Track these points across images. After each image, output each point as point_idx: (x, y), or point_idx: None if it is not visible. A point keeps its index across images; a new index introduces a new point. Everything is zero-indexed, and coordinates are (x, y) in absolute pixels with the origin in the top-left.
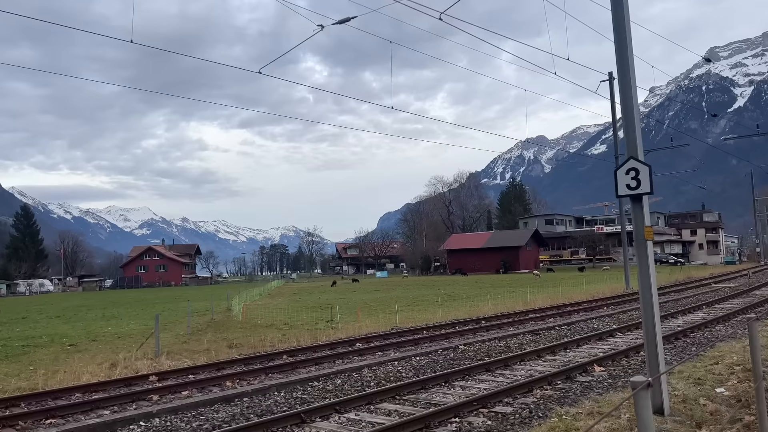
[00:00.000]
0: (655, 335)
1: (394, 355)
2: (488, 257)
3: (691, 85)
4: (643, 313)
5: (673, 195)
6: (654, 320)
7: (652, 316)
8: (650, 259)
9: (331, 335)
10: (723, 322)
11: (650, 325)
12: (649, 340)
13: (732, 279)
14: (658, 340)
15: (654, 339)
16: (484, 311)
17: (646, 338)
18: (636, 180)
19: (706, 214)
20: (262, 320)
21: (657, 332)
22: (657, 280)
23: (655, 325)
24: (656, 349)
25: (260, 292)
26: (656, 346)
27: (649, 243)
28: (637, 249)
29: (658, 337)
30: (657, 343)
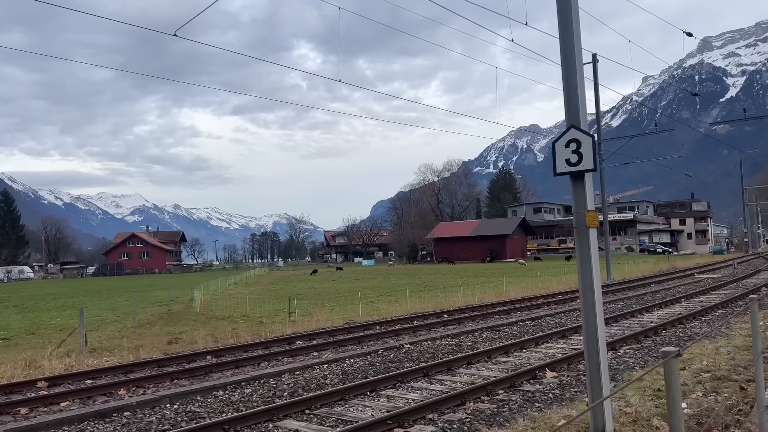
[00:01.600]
0: (598, 348)
1: (327, 356)
2: (475, 246)
3: (684, 74)
4: (583, 319)
5: (665, 185)
6: (596, 329)
7: (594, 325)
8: (593, 251)
9: (283, 330)
10: (699, 317)
11: (592, 335)
12: (590, 353)
13: (717, 269)
14: (601, 355)
15: (596, 352)
16: (453, 303)
17: (587, 351)
18: (577, 154)
19: (695, 204)
20: (220, 312)
21: (600, 345)
22: (641, 269)
23: (597, 336)
24: (598, 366)
25: (236, 281)
26: (598, 362)
27: (593, 232)
28: (578, 239)
29: (602, 351)
30: (600, 358)
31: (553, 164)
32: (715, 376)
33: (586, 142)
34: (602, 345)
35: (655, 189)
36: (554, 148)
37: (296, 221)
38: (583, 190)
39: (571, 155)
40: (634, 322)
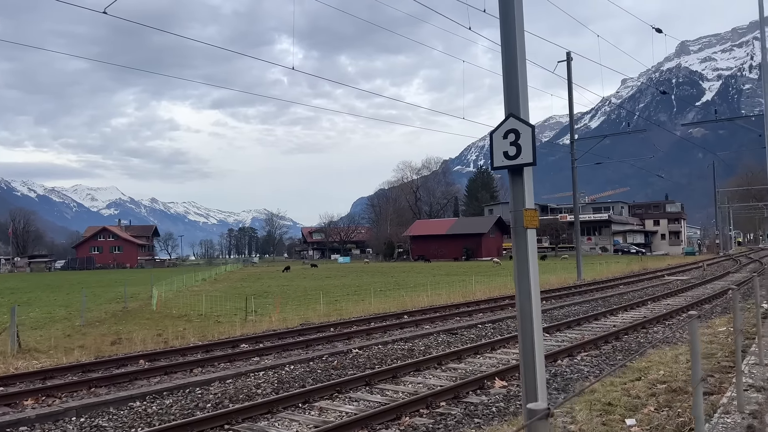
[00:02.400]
0: (534, 362)
1: (267, 362)
2: (451, 244)
3: (661, 78)
4: (519, 330)
5: (641, 186)
6: (534, 341)
7: (531, 336)
8: (531, 254)
9: (234, 331)
10: (663, 321)
11: (528, 348)
12: (527, 367)
13: (687, 271)
14: (538, 369)
15: (532, 366)
16: (417, 303)
17: (523, 365)
18: (515, 146)
19: (669, 205)
20: (178, 310)
21: (537, 359)
22: (613, 270)
23: (534, 349)
24: (535, 382)
25: (205, 277)
26: (535, 378)
27: (531, 233)
28: (515, 240)
29: (539, 365)
30: (536, 374)
31: (490, 157)
32: (670, 387)
33: (525, 133)
34: (539, 359)
35: (632, 190)
36: (491, 139)
37: (273, 216)
38: (521, 186)
39: (509, 147)
40: (596, 325)
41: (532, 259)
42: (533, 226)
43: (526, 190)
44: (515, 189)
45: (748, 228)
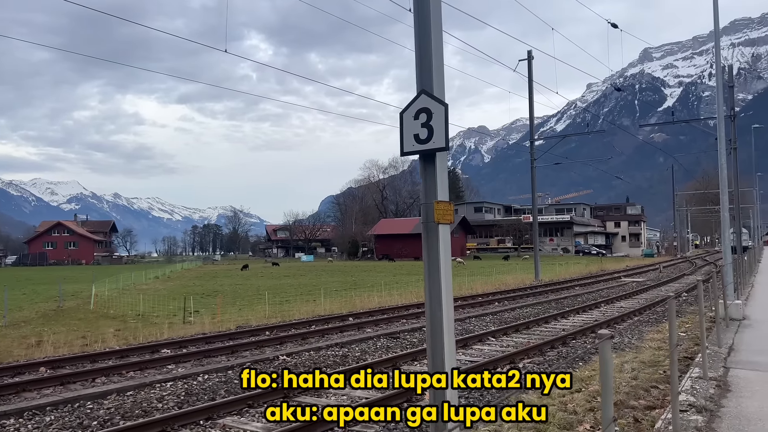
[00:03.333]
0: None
1: (181, 370)
2: (416, 243)
3: (625, 83)
4: (428, 341)
5: (604, 189)
6: (444, 356)
7: (441, 349)
8: (443, 253)
9: (161, 334)
10: (615, 324)
11: (439, 362)
12: (436, 391)
13: (644, 272)
14: (448, 393)
15: (441, 391)
16: (367, 305)
17: (432, 389)
18: (427, 128)
19: (630, 207)
20: (116, 310)
21: (448, 381)
22: (572, 271)
23: (444, 364)
24: (442, 407)
25: (158, 275)
26: (443, 402)
27: (444, 228)
28: (425, 237)
29: (449, 385)
30: (446, 396)
31: (400, 141)
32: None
33: (438, 113)
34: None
35: (596, 193)
36: (401, 120)
37: (237, 213)
38: (433, 174)
39: (421, 129)
40: (545, 329)
41: (445, 259)
42: (446, 221)
43: (439, 179)
44: (427, 178)
45: (705, 231)
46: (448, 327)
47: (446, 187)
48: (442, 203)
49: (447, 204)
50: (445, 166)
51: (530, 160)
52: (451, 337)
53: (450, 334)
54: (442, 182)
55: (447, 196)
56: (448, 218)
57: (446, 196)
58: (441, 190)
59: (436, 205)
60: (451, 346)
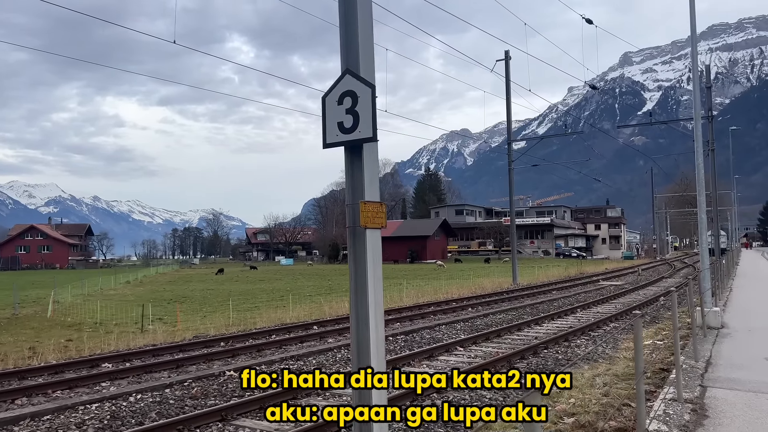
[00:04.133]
0: (371, 415)
1: (111, 390)
2: (397, 246)
3: (606, 87)
4: (354, 366)
5: (585, 192)
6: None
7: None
8: (372, 263)
9: (109, 346)
10: (590, 331)
11: (365, 394)
12: (362, 421)
13: (622, 275)
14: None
15: (368, 420)
16: (337, 311)
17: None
18: (352, 114)
19: (610, 210)
20: (74, 317)
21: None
22: (551, 274)
23: (372, 398)
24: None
25: (130, 279)
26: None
27: (373, 234)
28: (351, 244)
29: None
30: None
31: (323, 131)
32: (578, 422)
33: (364, 97)
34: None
35: (577, 195)
36: (324, 106)
37: (217, 216)
38: (360, 170)
39: (345, 117)
40: (518, 337)
41: (374, 271)
42: (376, 225)
43: (367, 175)
44: (353, 174)
45: (684, 233)
46: (377, 351)
47: (376, 184)
48: (371, 204)
49: (377, 205)
50: (374, 159)
51: (509, 162)
52: (381, 361)
53: (380, 359)
54: (370, 179)
55: (377, 195)
56: (379, 222)
57: (376, 195)
58: (370, 189)
59: (363, 207)
60: (381, 370)
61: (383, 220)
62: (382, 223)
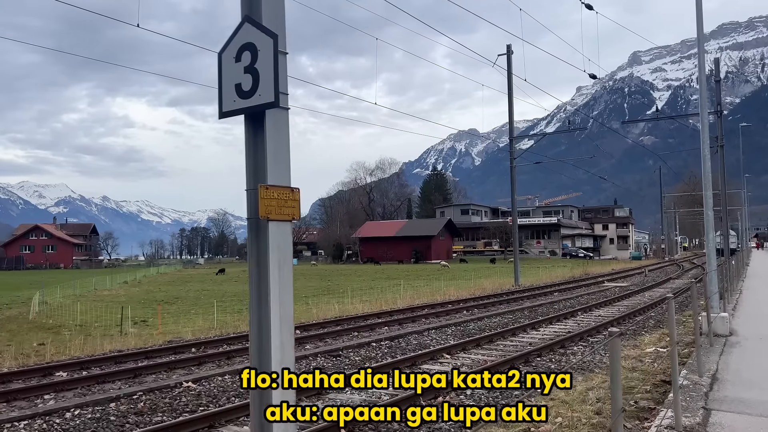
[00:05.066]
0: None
1: (50, 404)
2: (401, 246)
3: (615, 86)
4: (252, 397)
5: (594, 192)
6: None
7: (269, 405)
8: (276, 265)
9: (73, 351)
10: (588, 337)
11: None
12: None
13: (628, 276)
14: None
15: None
16: (325, 314)
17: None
18: (252, 74)
19: (618, 209)
20: (57, 320)
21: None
22: (555, 275)
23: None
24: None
25: (128, 279)
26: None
27: (279, 228)
28: (252, 240)
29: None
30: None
31: (219, 98)
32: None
33: (265, 50)
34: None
35: (585, 195)
36: (220, 64)
37: (223, 216)
38: (262, 144)
39: (244, 77)
40: (511, 343)
41: (281, 275)
42: (285, 216)
43: (271, 151)
44: (254, 150)
45: (693, 233)
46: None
47: (286, 164)
48: (277, 190)
49: (285, 191)
50: (281, 131)
51: (510, 160)
52: (290, 395)
53: (287, 394)
54: (276, 156)
55: (287, 177)
56: (288, 212)
57: (286, 177)
58: (275, 169)
59: (264, 193)
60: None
61: (295, 211)
62: (293, 214)
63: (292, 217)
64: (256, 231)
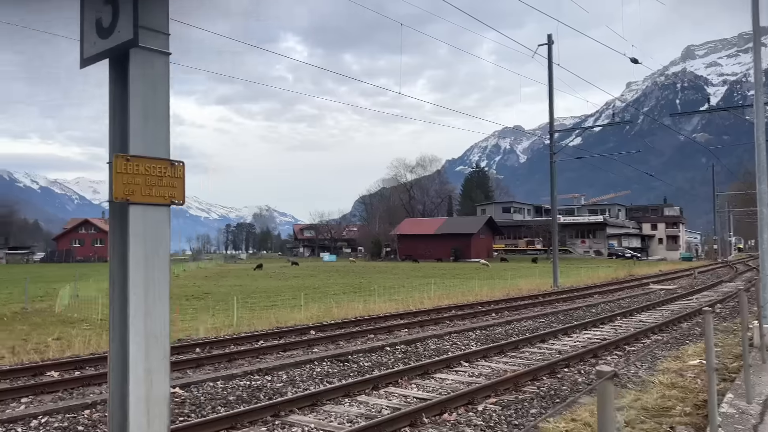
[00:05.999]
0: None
1: (19, 410)
2: (440, 244)
3: (666, 82)
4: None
5: (644, 190)
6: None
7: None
8: (141, 265)
9: (74, 348)
10: (624, 346)
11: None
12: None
13: (676, 278)
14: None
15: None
16: (348, 313)
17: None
18: (112, 5)
19: (668, 209)
20: (81, 314)
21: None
22: (597, 276)
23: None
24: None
25: None
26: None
27: (147, 215)
28: (112, 231)
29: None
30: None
31: (80, 39)
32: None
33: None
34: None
35: (634, 194)
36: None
37: (265, 212)
38: (124, 98)
39: (104, 9)
40: (537, 351)
41: (150, 277)
42: (155, 200)
43: (135, 108)
44: (115, 106)
45: (749, 234)
46: (160, 415)
47: (162, 127)
48: (145, 162)
49: (158, 164)
50: (159, 83)
51: (550, 155)
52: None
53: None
54: (145, 116)
55: (164, 147)
56: (163, 194)
57: (161, 146)
58: (141, 133)
59: (121, 165)
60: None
61: (176, 192)
62: (173, 195)
63: (172, 201)
64: (119, 218)
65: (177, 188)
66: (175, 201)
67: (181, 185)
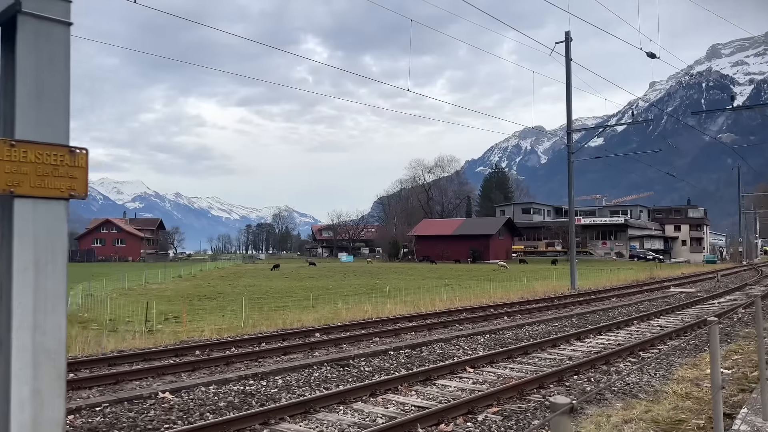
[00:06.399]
0: None
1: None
2: (458, 245)
3: (691, 81)
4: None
5: (667, 191)
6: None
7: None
8: (24, 262)
9: (84, 349)
10: (639, 352)
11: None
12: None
13: (698, 281)
14: None
15: None
16: (356, 315)
17: None
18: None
19: (691, 210)
20: (91, 314)
21: None
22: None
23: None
24: None
25: (183, 273)
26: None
27: (39, 208)
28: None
29: None
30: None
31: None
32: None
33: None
34: None
35: (657, 195)
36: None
37: (284, 212)
38: (11, 73)
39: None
40: (548, 357)
41: (40, 283)
42: (48, 192)
43: (24, 83)
44: (5, 83)
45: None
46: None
47: (59, 107)
48: (36, 147)
49: (54, 150)
50: (56, 55)
51: (568, 154)
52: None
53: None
54: (38, 94)
55: (62, 130)
56: (59, 185)
57: (58, 130)
58: (32, 114)
59: (6, 152)
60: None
61: (76, 183)
62: (72, 187)
63: (71, 194)
64: (0, 215)
65: (78, 179)
66: (74, 194)
67: (83, 176)
